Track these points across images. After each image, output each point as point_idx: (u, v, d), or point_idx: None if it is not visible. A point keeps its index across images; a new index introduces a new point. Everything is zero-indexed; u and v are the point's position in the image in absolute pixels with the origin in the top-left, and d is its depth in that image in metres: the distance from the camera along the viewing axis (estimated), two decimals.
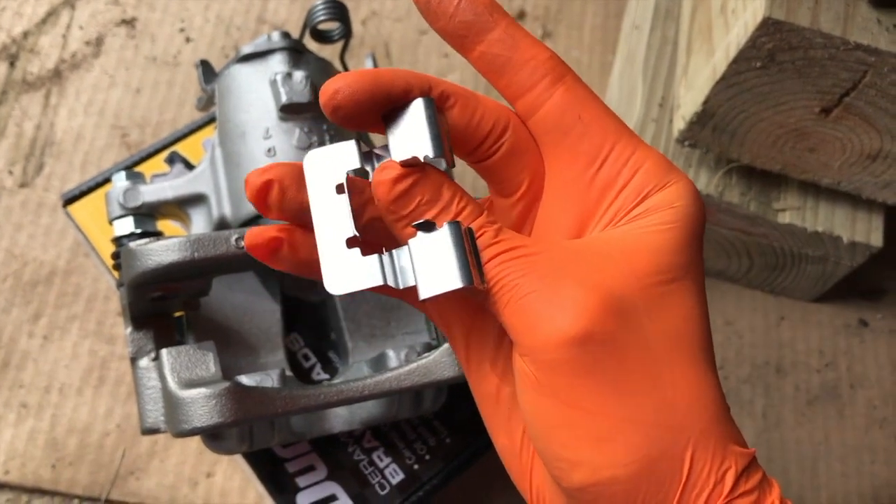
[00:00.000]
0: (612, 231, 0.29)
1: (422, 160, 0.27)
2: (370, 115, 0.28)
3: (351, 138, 0.29)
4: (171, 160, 0.54)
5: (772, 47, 0.46)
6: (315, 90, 0.45)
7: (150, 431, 0.43)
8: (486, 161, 0.30)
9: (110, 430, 0.55)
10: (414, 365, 0.42)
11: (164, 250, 0.39)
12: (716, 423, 0.27)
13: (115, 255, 0.44)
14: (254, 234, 0.30)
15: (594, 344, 0.26)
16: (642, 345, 0.27)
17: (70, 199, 0.53)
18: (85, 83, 0.65)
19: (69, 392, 0.56)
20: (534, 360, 0.27)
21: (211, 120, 0.57)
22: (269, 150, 0.45)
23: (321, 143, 0.45)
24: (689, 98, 0.53)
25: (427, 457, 0.50)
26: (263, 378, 0.43)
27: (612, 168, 0.29)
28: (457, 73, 0.70)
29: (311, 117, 0.45)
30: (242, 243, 0.40)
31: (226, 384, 0.39)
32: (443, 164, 0.28)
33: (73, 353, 0.57)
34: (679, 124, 0.54)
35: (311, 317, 0.51)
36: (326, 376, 0.51)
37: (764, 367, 0.62)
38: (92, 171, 0.62)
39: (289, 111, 0.45)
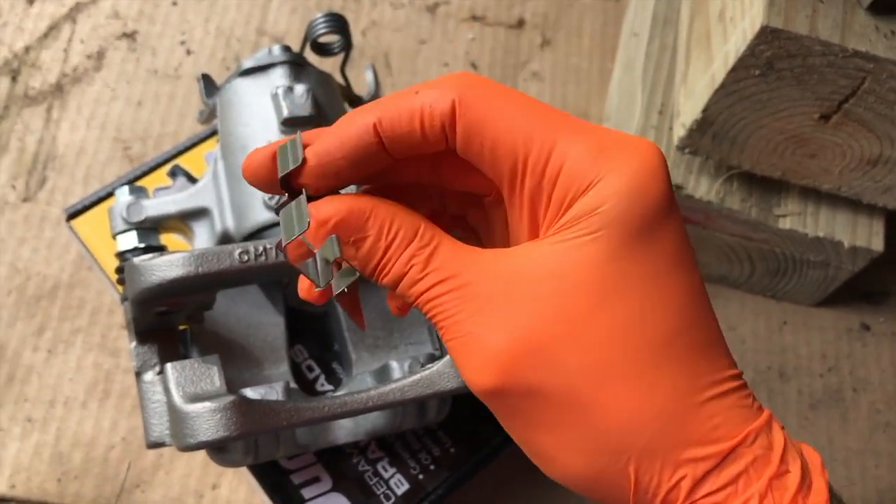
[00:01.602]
0: (544, 246, 0.27)
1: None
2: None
3: None
4: (174, 174, 0.55)
5: (770, 55, 0.46)
6: (317, 103, 0.46)
7: (155, 445, 0.43)
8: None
9: (115, 443, 0.55)
10: (417, 376, 0.42)
11: (167, 266, 0.39)
12: (663, 435, 0.26)
13: (119, 270, 0.45)
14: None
15: (509, 396, 0.27)
16: (566, 382, 0.26)
17: (73, 214, 0.54)
18: (86, 97, 0.66)
19: (74, 405, 0.56)
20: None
21: (213, 133, 0.57)
22: None
23: None
24: (689, 106, 0.53)
25: (432, 466, 0.50)
26: (268, 391, 0.43)
27: (532, 181, 0.27)
28: None
29: None
30: (246, 257, 0.40)
31: (230, 398, 0.39)
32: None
33: (78, 367, 0.57)
34: (679, 132, 0.54)
35: (314, 328, 0.51)
36: (330, 387, 0.51)
37: (767, 372, 0.62)
38: (94, 184, 0.62)
39: (290, 125, 0.45)
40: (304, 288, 0.31)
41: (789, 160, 0.53)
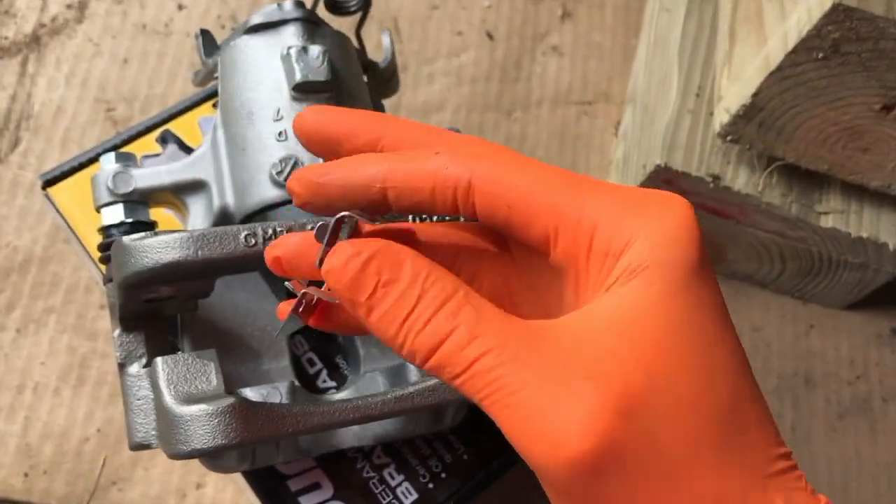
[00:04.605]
0: (601, 306, 0.25)
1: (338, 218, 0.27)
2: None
3: None
4: (164, 140, 0.50)
5: (838, 37, 0.42)
6: (333, 68, 0.41)
7: (140, 447, 0.38)
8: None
9: (90, 436, 0.50)
10: (439, 380, 0.37)
11: (162, 247, 0.34)
12: None
13: (104, 248, 0.39)
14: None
15: (600, 471, 0.23)
16: (661, 450, 0.23)
17: (50, 181, 0.48)
18: (66, 51, 0.60)
19: (45, 392, 0.51)
20: (545, 481, 0.24)
21: (208, 96, 0.52)
22: (279, 134, 0.40)
23: None
24: (734, 90, 0.49)
25: (443, 475, 0.45)
26: (271, 392, 0.38)
27: (564, 244, 0.26)
28: (471, 51, 0.65)
29: (328, 98, 0.40)
30: (253, 241, 0.35)
31: (230, 400, 0.35)
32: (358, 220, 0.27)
33: (50, 350, 0.52)
34: (722, 117, 0.50)
35: None
36: (333, 384, 0.46)
37: (792, 378, 0.59)
38: (73, 148, 0.57)
39: (303, 90, 0.40)
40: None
41: (839, 154, 0.49)
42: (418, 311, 0.24)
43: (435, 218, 0.36)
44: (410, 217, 0.36)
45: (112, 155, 0.41)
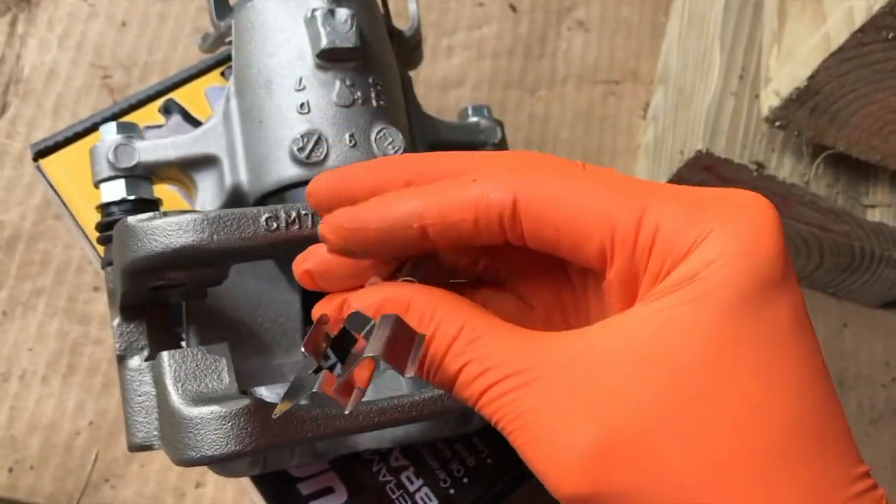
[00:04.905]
0: (632, 320, 0.24)
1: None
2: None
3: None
4: (168, 110, 0.46)
5: None
6: (361, 32, 0.37)
7: (140, 448, 0.35)
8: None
9: (81, 429, 0.47)
10: None
11: (173, 230, 0.30)
12: None
13: (104, 227, 0.36)
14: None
15: (599, 498, 0.23)
16: (671, 484, 0.22)
17: (42, 152, 0.44)
18: (59, 11, 0.56)
19: (32, 380, 0.47)
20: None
21: (216, 64, 0.48)
22: (301, 106, 0.36)
23: (366, 100, 0.36)
24: (786, 72, 0.45)
25: (465, 479, 0.42)
26: None
27: (622, 257, 0.24)
28: (493, 24, 0.61)
29: (356, 67, 0.37)
30: (274, 225, 0.31)
31: (245, 401, 0.31)
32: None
33: (39, 334, 0.48)
34: (771, 101, 0.46)
35: None
36: None
37: None
38: (66, 116, 0.53)
39: (329, 58, 0.36)
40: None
41: (894, 143, 0.46)
42: (430, 356, 0.25)
43: None
44: None
45: (113, 125, 0.38)
